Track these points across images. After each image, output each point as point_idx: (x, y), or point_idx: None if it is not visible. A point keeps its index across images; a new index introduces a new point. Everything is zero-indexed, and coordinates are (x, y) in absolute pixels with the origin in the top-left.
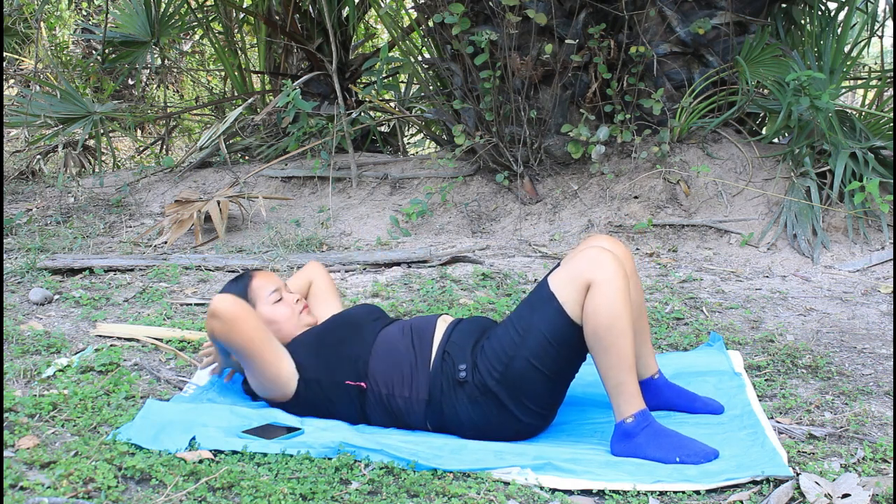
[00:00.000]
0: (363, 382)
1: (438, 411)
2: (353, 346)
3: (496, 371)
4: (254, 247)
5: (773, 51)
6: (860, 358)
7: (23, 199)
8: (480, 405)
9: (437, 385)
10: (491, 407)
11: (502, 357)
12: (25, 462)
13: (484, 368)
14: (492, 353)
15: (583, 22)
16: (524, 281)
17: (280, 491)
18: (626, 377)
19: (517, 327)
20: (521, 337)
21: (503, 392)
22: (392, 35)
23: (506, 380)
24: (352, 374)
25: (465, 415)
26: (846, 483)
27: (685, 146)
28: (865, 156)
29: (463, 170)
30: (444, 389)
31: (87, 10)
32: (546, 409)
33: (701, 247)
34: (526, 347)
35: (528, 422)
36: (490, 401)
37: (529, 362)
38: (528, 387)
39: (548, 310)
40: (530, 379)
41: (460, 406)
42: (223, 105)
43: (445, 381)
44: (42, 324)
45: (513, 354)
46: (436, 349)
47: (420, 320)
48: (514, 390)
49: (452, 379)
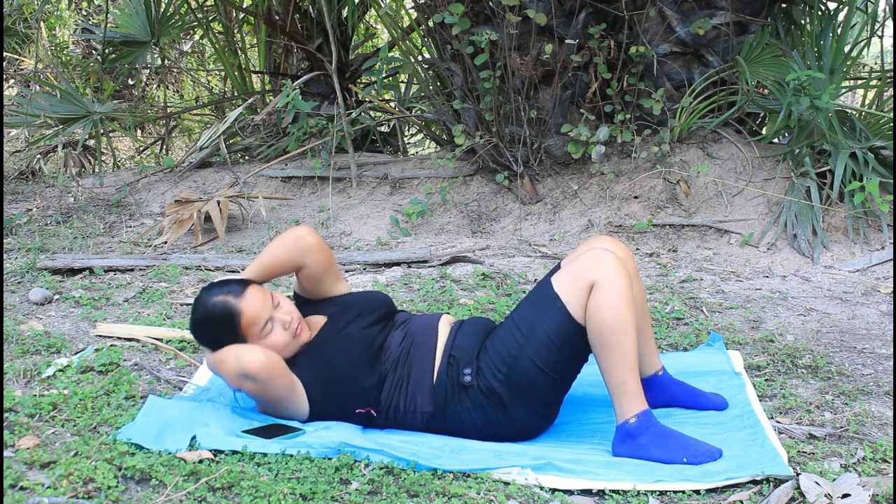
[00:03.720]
0: (372, 409)
1: (441, 421)
2: (365, 379)
3: (500, 373)
4: (254, 247)
5: (773, 51)
6: (860, 358)
7: (23, 199)
8: (484, 409)
9: (441, 393)
10: (495, 409)
11: (506, 358)
12: (25, 462)
13: (488, 370)
14: (495, 354)
15: (583, 22)
16: (524, 281)
17: (280, 491)
18: (628, 377)
19: (520, 328)
20: (525, 337)
21: (507, 393)
22: (392, 35)
23: (510, 381)
24: (362, 403)
25: (468, 420)
26: (846, 483)
27: (685, 146)
28: (865, 156)
29: (463, 170)
30: (449, 395)
31: (87, 10)
32: (549, 409)
33: (701, 247)
34: (530, 348)
35: (530, 422)
36: (494, 403)
37: (533, 363)
38: (532, 387)
39: (551, 310)
40: (534, 380)
41: (464, 413)
42: (223, 105)
43: (450, 385)
44: (42, 324)
45: (517, 355)
46: (440, 356)
47: (422, 325)
48: (518, 391)
49: (457, 383)
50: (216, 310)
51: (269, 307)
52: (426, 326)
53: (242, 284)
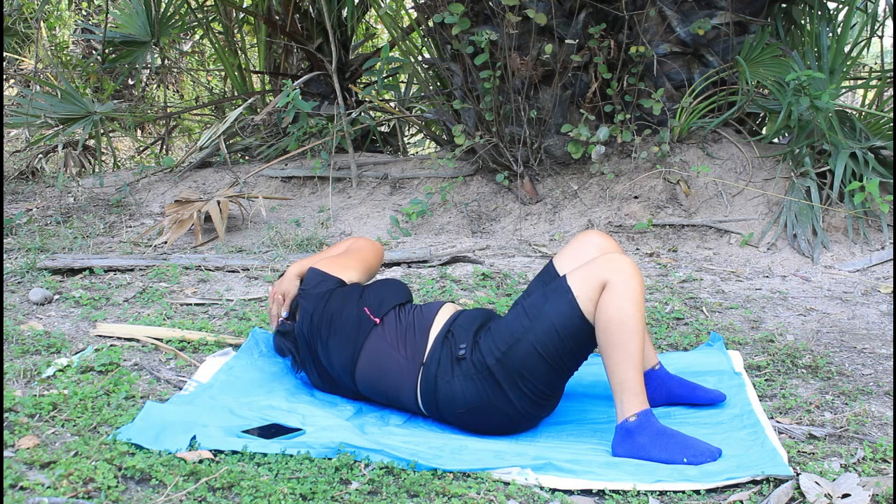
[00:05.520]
0: (378, 318)
1: (432, 384)
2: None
3: (498, 350)
4: (254, 247)
5: (773, 51)
6: (860, 358)
7: (23, 199)
8: (475, 382)
9: (435, 359)
10: (486, 386)
11: (508, 339)
12: (25, 462)
13: (486, 347)
14: (498, 333)
15: (583, 22)
16: (524, 281)
17: (280, 491)
18: (631, 375)
19: (528, 313)
20: (531, 322)
21: (501, 371)
22: (392, 35)
23: (506, 359)
24: (373, 307)
25: (458, 391)
26: (846, 483)
27: (685, 146)
28: (865, 156)
29: (463, 170)
30: (442, 362)
31: (87, 10)
32: (541, 397)
33: (701, 247)
34: (533, 332)
35: (521, 407)
36: (486, 380)
37: (534, 347)
38: (527, 371)
39: (561, 301)
40: (531, 363)
41: (455, 382)
42: (223, 105)
43: (445, 357)
44: (42, 324)
45: (519, 337)
46: (440, 327)
47: (427, 305)
48: (513, 372)
49: (452, 356)
50: None
51: None
52: (432, 304)
53: None
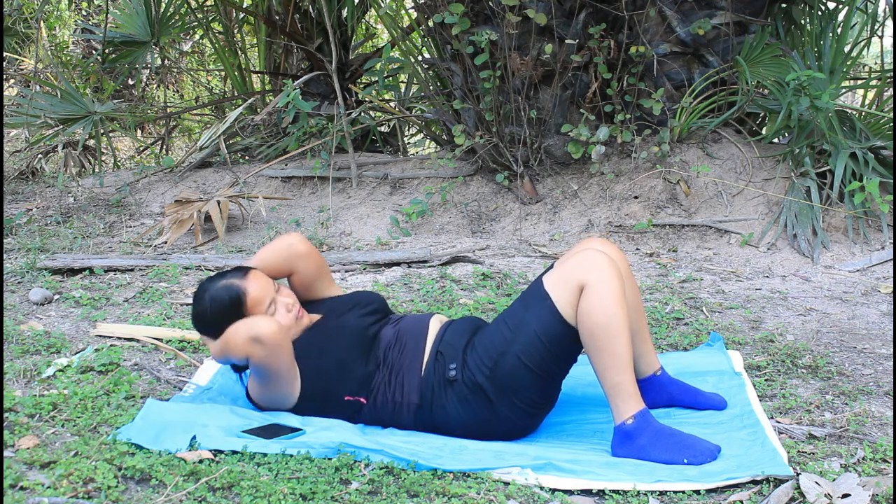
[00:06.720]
0: (362, 398)
1: (428, 414)
2: (358, 365)
3: (486, 367)
4: (254, 247)
5: (773, 51)
6: (860, 358)
7: (23, 199)
8: (469, 403)
9: (429, 387)
10: (480, 404)
11: (493, 353)
12: (25, 462)
13: (474, 365)
14: (482, 349)
15: (583, 22)
16: (524, 281)
17: (280, 491)
18: (623, 377)
19: (509, 325)
20: (513, 333)
21: (492, 388)
22: (392, 35)
23: (495, 375)
24: (353, 390)
25: (454, 414)
26: (846, 483)
27: (685, 146)
28: (865, 156)
29: (463, 170)
30: (435, 390)
31: (87, 10)
32: (534, 407)
33: (701, 247)
34: (517, 344)
35: (516, 420)
36: (479, 398)
37: (519, 359)
38: (517, 384)
39: (541, 308)
40: (519, 376)
41: (450, 406)
42: (223, 105)
43: (436, 381)
44: (42, 324)
45: (503, 351)
46: (429, 351)
47: (413, 322)
48: (504, 387)
49: (443, 378)
50: (221, 293)
51: (272, 289)
52: (417, 323)
53: (243, 269)
